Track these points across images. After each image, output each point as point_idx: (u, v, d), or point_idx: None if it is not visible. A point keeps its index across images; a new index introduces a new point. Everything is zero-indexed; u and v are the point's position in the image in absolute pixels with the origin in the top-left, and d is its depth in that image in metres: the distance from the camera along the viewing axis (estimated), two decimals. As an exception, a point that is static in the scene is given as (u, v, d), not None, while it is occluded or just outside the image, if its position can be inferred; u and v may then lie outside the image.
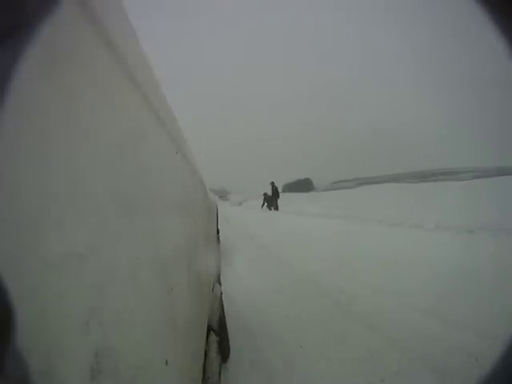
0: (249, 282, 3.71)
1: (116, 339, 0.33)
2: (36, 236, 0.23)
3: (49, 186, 0.25)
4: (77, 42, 0.32)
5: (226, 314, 2.04)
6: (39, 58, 0.25)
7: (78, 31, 0.32)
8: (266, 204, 18.99)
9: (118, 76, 0.45)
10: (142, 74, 0.60)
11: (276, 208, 17.07)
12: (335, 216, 10.15)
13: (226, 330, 1.94)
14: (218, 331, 1.28)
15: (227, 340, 1.94)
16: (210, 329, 1.18)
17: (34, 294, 0.22)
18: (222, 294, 1.95)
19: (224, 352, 1.83)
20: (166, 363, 0.48)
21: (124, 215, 0.41)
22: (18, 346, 0.19)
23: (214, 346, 1.10)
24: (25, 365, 0.19)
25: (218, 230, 2.90)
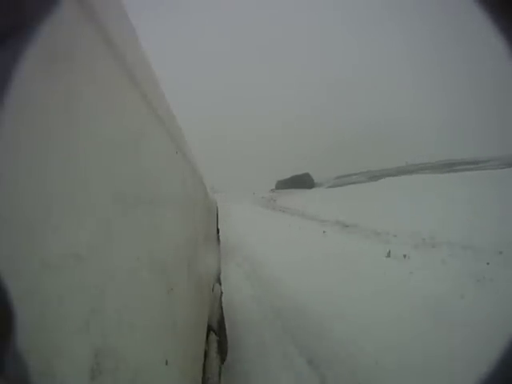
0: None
1: (116, 339, 0.33)
2: (36, 236, 0.23)
3: (48, 186, 0.25)
4: (76, 41, 0.32)
5: (225, 314, 2.04)
6: (39, 58, 0.25)
7: (77, 30, 0.32)
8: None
9: (118, 75, 0.45)
10: (141, 73, 0.60)
11: None
12: (341, 226, 7.36)
13: (224, 330, 1.94)
14: (218, 331, 1.28)
15: (225, 340, 1.94)
16: (209, 329, 1.18)
17: (34, 295, 0.22)
18: (222, 293, 1.95)
19: (222, 352, 1.83)
20: (166, 363, 0.48)
21: (124, 215, 0.41)
22: (18, 346, 0.18)
23: (214, 346, 1.10)
24: (25, 365, 0.19)
25: (217, 230, 2.90)
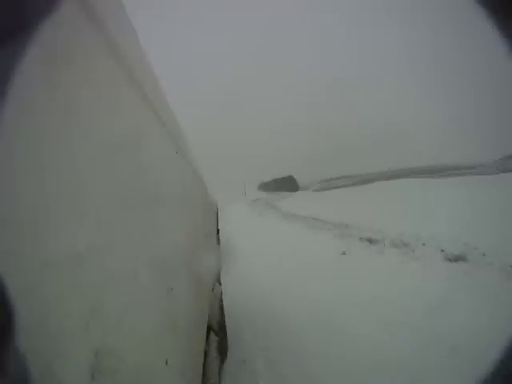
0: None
1: (116, 339, 0.33)
2: (36, 236, 0.23)
3: (49, 186, 0.25)
4: (77, 41, 0.32)
5: (225, 313, 2.04)
6: (39, 58, 0.25)
7: (77, 31, 0.32)
8: None
9: (118, 75, 0.45)
10: (141, 73, 0.60)
11: None
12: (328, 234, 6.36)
13: (224, 329, 1.94)
14: (218, 331, 1.28)
15: (225, 339, 1.95)
16: (210, 329, 1.18)
17: (34, 295, 0.22)
18: (222, 293, 1.96)
19: (222, 351, 1.85)
20: (166, 363, 0.48)
21: (124, 215, 0.41)
22: (18, 346, 0.18)
23: (214, 346, 1.10)
24: (25, 365, 0.19)
25: (217, 230, 2.89)
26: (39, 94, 0.25)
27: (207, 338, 1.10)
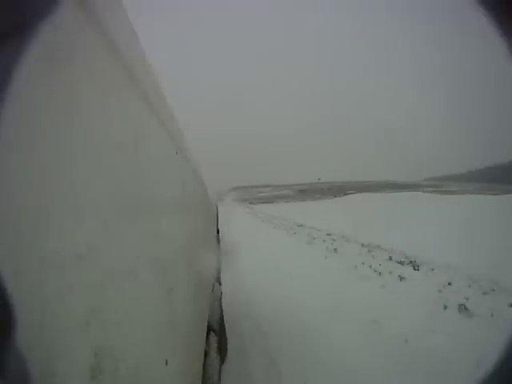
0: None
1: (116, 339, 0.33)
2: (36, 236, 0.23)
3: (48, 186, 0.25)
4: (77, 41, 0.32)
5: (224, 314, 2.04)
6: (39, 58, 0.25)
7: (77, 31, 0.32)
8: None
9: (118, 75, 0.45)
10: (141, 74, 0.60)
11: None
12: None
13: (224, 330, 1.94)
14: (218, 331, 1.28)
15: (225, 339, 1.95)
16: (210, 329, 1.18)
17: (34, 294, 0.22)
18: (222, 293, 1.96)
19: (221, 350, 1.85)
20: (166, 363, 0.48)
21: (124, 215, 0.41)
22: (19, 345, 0.18)
23: (214, 346, 1.10)
24: (25, 365, 0.19)
25: (217, 230, 2.89)
26: (39, 94, 0.25)
27: (207, 338, 1.10)
